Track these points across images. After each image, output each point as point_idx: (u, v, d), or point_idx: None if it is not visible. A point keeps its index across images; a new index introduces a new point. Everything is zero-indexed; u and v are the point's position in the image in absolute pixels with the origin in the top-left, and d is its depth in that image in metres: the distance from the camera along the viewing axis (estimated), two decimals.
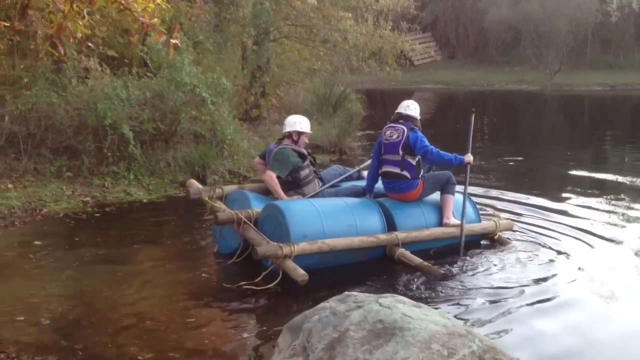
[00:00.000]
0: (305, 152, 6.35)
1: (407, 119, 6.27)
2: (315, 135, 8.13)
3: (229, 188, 6.50)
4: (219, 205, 6.12)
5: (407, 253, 5.68)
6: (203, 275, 5.66)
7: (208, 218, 7.22)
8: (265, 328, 4.53)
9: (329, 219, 5.57)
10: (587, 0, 29.21)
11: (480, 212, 6.74)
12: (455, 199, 6.29)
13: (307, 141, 6.45)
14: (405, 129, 6.13)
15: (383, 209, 5.97)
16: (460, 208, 6.25)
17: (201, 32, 11.27)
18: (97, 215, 7.48)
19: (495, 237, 6.42)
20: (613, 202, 8.59)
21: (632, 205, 8.41)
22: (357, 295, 3.69)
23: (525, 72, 30.09)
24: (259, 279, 5.25)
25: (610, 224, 7.36)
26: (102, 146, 8.49)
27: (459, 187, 6.36)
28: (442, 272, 5.49)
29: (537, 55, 29.63)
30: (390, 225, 5.89)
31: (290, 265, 5.14)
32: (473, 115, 6.86)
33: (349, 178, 6.75)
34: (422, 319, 3.26)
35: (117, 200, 8.09)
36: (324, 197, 6.21)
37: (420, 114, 6.44)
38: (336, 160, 10.98)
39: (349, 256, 5.63)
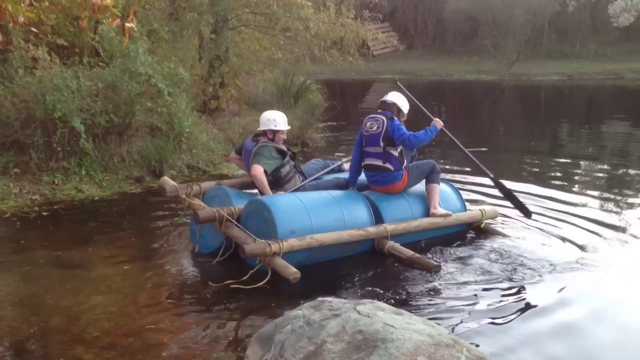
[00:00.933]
0: (284, 148, 6.11)
1: (388, 107, 6.09)
2: None
3: (207, 185, 6.19)
4: (197, 202, 5.83)
5: (397, 245, 5.53)
6: (165, 277, 5.31)
7: (168, 215, 6.94)
8: (231, 336, 4.20)
9: (316, 213, 5.38)
10: None
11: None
12: (441, 188, 6.19)
13: (283, 137, 6.17)
14: (385, 119, 5.93)
15: (369, 202, 5.81)
16: (446, 197, 6.23)
17: (155, 20, 10.81)
18: (47, 214, 7.07)
19: (482, 225, 6.28)
20: (582, 183, 8.89)
21: (591, 182, 8.88)
22: (331, 301, 3.42)
23: (483, 62, 30.15)
24: (246, 277, 4.98)
25: (588, 205, 7.45)
26: (51, 140, 7.98)
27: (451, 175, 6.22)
28: (435, 263, 5.33)
29: (495, 45, 29.70)
30: (377, 219, 5.75)
31: (280, 263, 4.92)
32: (398, 83, 6.65)
33: (330, 171, 6.57)
34: (405, 328, 3.00)
35: (68, 197, 7.66)
36: (306, 190, 6.00)
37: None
38: (298, 153, 10.67)
39: (337, 251, 5.46)
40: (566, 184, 8.66)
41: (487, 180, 8.46)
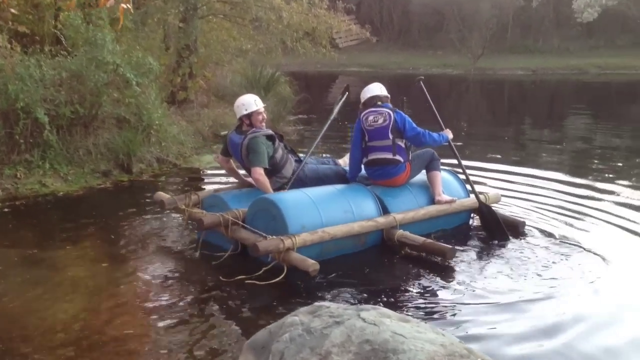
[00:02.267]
0: (271, 132, 5.88)
1: (385, 100, 6.06)
2: None
3: (205, 193, 6.05)
4: (198, 211, 5.70)
5: (407, 233, 5.47)
6: (138, 278, 4.99)
7: (139, 211, 6.68)
8: (215, 342, 3.91)
9: (324, 207, 5.31)
10: None
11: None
12: (442, 176, 6.14)
13: (261, 117, 5.84)
14: (390, 112, 5.89)
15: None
16: (448, 184, 6.20)
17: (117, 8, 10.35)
18: (9, 210, 6.71)
19: None
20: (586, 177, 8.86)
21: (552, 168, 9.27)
22: (329, 306, 3.16)
23: (447, 56, 30.15)
24: (260, 272, 4.82)
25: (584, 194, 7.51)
26: (13, 132, 7.57)
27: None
28: (450, 247, 5.19)
29: (460, 39, 29.71)
30: (384, 211, 5.66)
31: (297, 256, 4.80)
32: (421, 82, 6.53)
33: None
34: (416, 337, 2.76)
35: (31, 192, 7.28)
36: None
37: (351, 99, 6.43)
38: None
39: (348, 245, 5.39)
40: (570, 178, 8.60)
41: (486, 166, 8.74)
